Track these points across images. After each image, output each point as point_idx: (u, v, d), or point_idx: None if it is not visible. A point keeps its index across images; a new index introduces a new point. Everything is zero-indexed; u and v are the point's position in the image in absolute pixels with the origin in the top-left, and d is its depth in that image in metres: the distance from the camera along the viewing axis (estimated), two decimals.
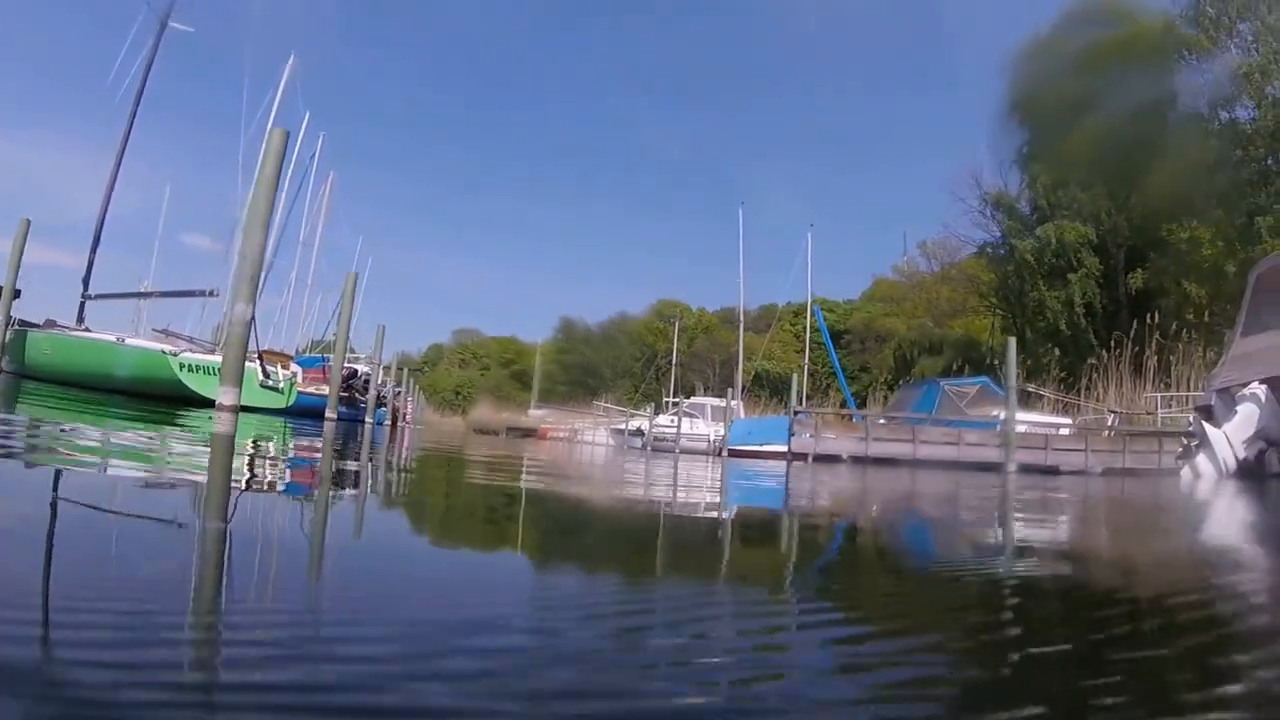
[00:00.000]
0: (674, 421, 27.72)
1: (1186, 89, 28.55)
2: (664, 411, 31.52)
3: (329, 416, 20.17)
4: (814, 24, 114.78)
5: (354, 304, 22.76)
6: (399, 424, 29.58)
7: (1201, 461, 10.05)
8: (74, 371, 17.24)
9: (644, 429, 29.15)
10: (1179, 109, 28.75)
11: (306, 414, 20.00)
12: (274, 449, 5.71)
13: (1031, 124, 32.69)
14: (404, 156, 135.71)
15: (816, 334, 35.70)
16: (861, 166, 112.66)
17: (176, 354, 17.77)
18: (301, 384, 22.18)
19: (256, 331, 12.89)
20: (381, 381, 28.37)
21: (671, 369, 48.78)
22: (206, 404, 15.11)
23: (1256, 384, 9.99)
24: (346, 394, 24.28)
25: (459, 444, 13.12)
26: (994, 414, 20.43)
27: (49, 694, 0.75)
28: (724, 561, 2.30)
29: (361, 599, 1.29)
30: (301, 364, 24.70)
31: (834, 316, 49.61)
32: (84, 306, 20.33)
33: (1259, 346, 10.58)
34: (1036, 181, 31.48)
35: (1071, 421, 20.96)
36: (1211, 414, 10.78)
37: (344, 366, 23.88)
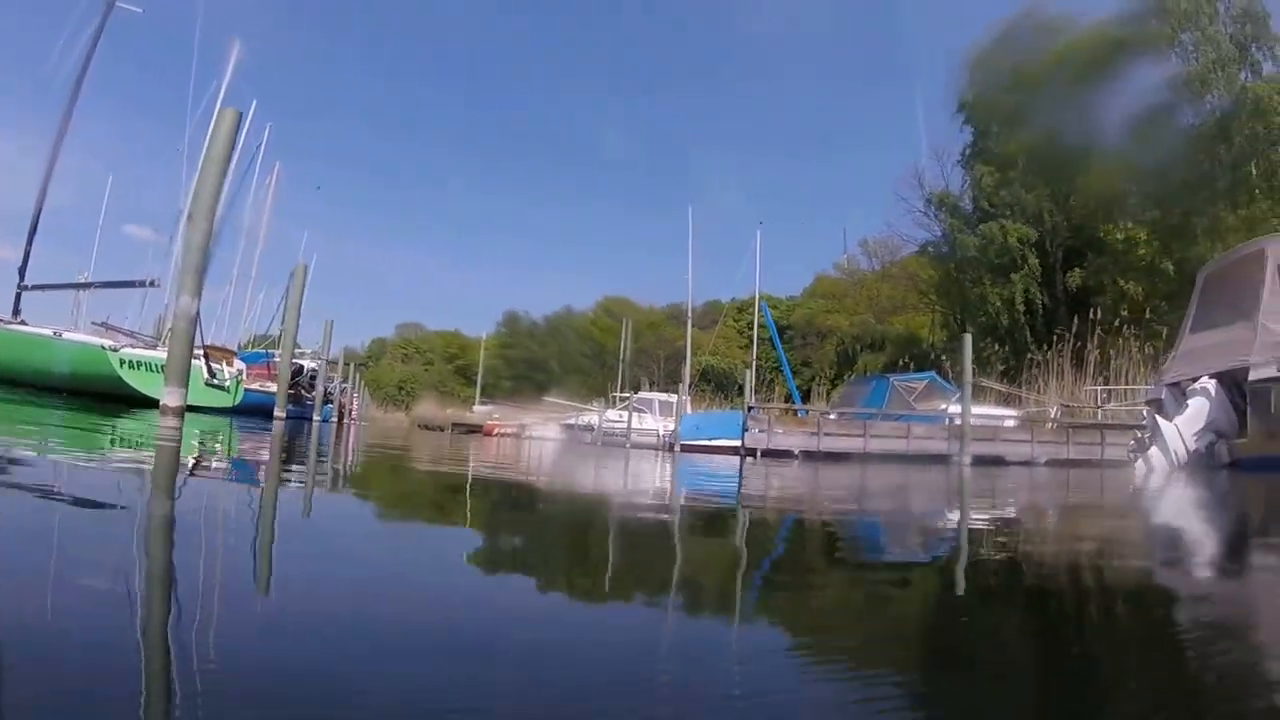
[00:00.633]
0: (623, 416, 27.63)
1: (1127, 95, 29.62)
2: (613, 407, 31.36)
3: (278, 415, 19.70)
4: (762, 20, 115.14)
5: (302, 297, 22.13)
6: (345, 421, 29.07)
7: (1154, 453, 10.32)
8: (7, 368, 16.38)
9: (594, 424, 28.80)
10: (1114, 115, 29.89)
11: (253, 412, 19.51)
12: (222, 464, 4.94)
13: (977, 125, 33.58)
14: (346, 149, 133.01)
15: (763, 330, 35.92)
16: (804, 164, 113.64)
17: (117, 349, 17.09)
18: (246, 381, 21.60)
19: (201, 326, 12.38)
20: (328, 378, 27.82)
21: (619, 365, 48.65)
22: (149, 403, 14.60)
23: (1206, 379, 10.30)
24: (293, 391, 23.76)
25: (408, 443, 12.88)
26: (941, 408, 20.85)
27: None
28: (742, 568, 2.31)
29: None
30: (245, 360, 24.03)
31: (777, 313, 49.99)
32: (19, 298, 19.30)
33: (1208, 343, 10.91)
34: (981, 181, 32.11)
35: (1016, 414, 21.48)
36: (1162, 407, 11.08)
37: (291, 362, 23.40)
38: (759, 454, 19.03)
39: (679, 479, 7.14)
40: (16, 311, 18.96)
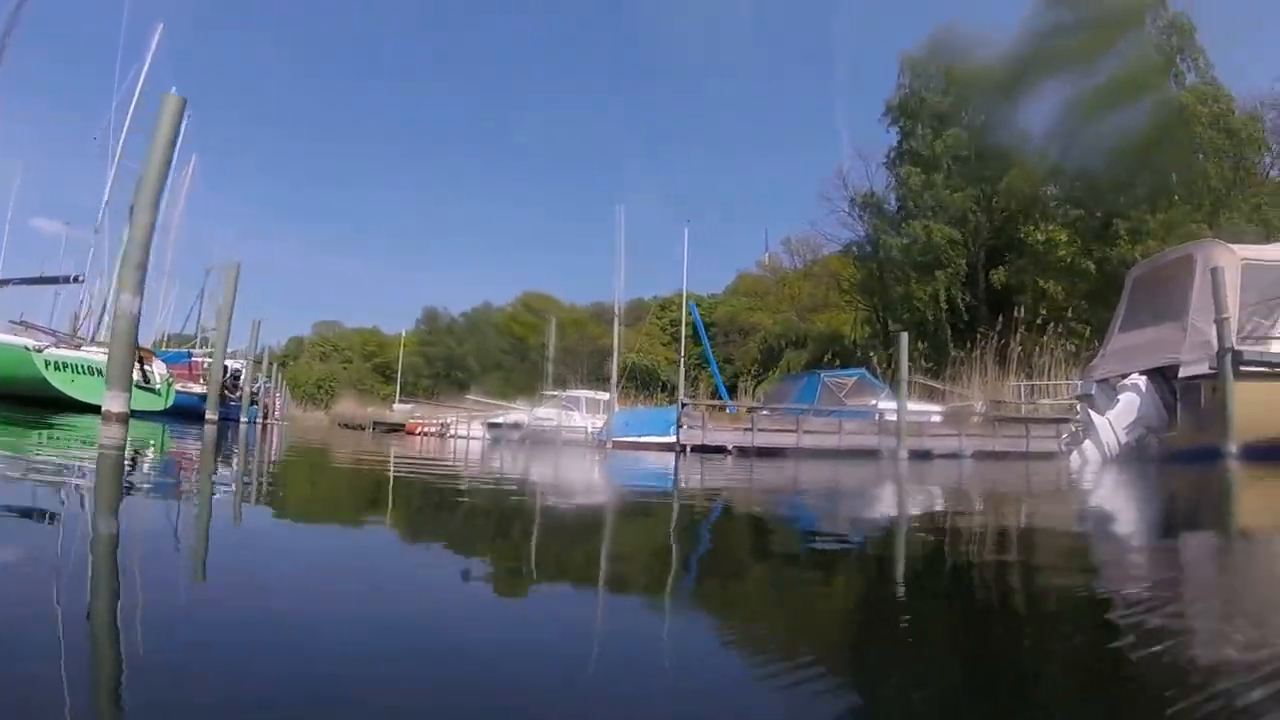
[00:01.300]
0: (551, 414, 27.45)
1: (1051, 102, 31.02)
2: (537, 404, 30.99)
3: (210, 418, 19.03)
4: (685, 20, 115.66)
5: (235, 295, 21.45)
6: (268, 421, 28.32)
7: (1088, 446, 10.73)
8: None
9: (521, 422, 28.44)
10: (1037, 121, 31.28)
11: (183, 415, 18.89)
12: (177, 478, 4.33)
13: (904, 127, 34.54)
14: (263, 144, 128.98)
15: (688, 327, 36.07)
16: (725, 163, 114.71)
17: (40, 349, 16.04)
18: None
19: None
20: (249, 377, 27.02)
21: (542, 362, 48.36)
22: (77, 408, 13.98)
23: (1136, 375, 10.80)
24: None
25: (338, 443, 12.55)
26: (871, 404, 21.29)
27: None
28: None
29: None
30: (164, 360, 23.19)
31: (701, 310, 50.41)
32: None
33: (1138, 341, 11.43)
34: (907, 182, 32.98)
35: (942, 409, 22.07)
36: (1093, 402, 11.57)
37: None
38: (688, 450, 19.01)
39: (630, 476, 7.16)
40: None
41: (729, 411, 27.12)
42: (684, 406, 21.73)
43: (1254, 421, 9.00)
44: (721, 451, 19.07)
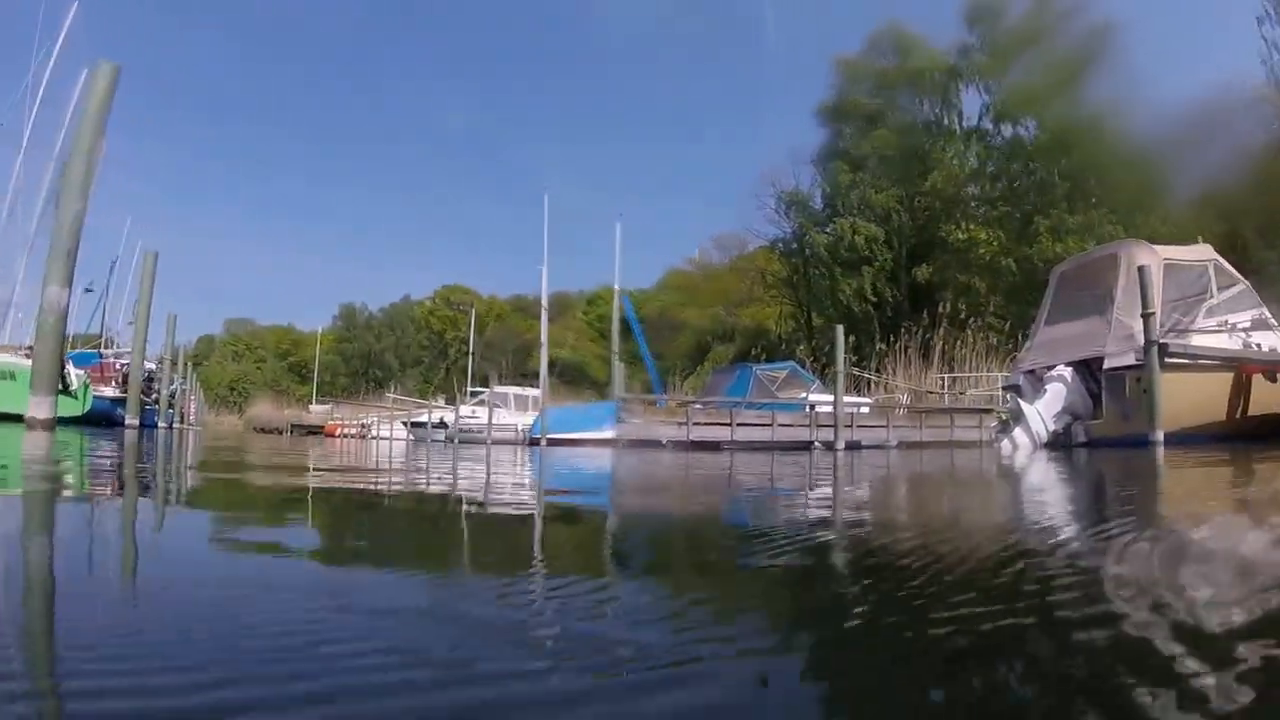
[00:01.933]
0: (477, 412, 27.12)
1: (975, 107, 32.56)
2: (462, 402, 30.40)
3: (130, 423, 18.24)
4: (614, 10, 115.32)
5: (153, 287, 20.61)
6: (184, 427, 27.39)
7: (1018, 434, 11.30)
8: None
9: (447, 421, 27.99)
10: (961, 125, 32.71)
11: (99, 421, 18.15)
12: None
13: (833, 128, 35.59)
14: (171, 131, 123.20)
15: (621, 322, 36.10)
16: (653, 158, 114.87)
17: None
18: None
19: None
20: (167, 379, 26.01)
21: (464, 358, 47.79)
22: None
23: (1063, 366, 11.45)
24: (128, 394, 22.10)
25: (264, 448, 11.93)
26: (801, 396, 21.77)
27: None
28: None
29: None
30: (74, 361, 22.26)
31: (632, 304, 50.54)
32: None
33: (1063, 334, 12.11)
34: (835, 180, 33.93)
35: (870, 401, 22.70)
36: (1020, 392, 12.22)
37: (125, 363, 21.91)
38: (621, 444, 18.93)
39: (589, 477, 6.92)
40: None
41: (659, 405, 27.29)
42: (621, 401, 21.80)
43: (1176, 411, 9.67)
44: (656, 445, 19.06)
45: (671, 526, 3.24)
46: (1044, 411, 11.28)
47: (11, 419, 10.25)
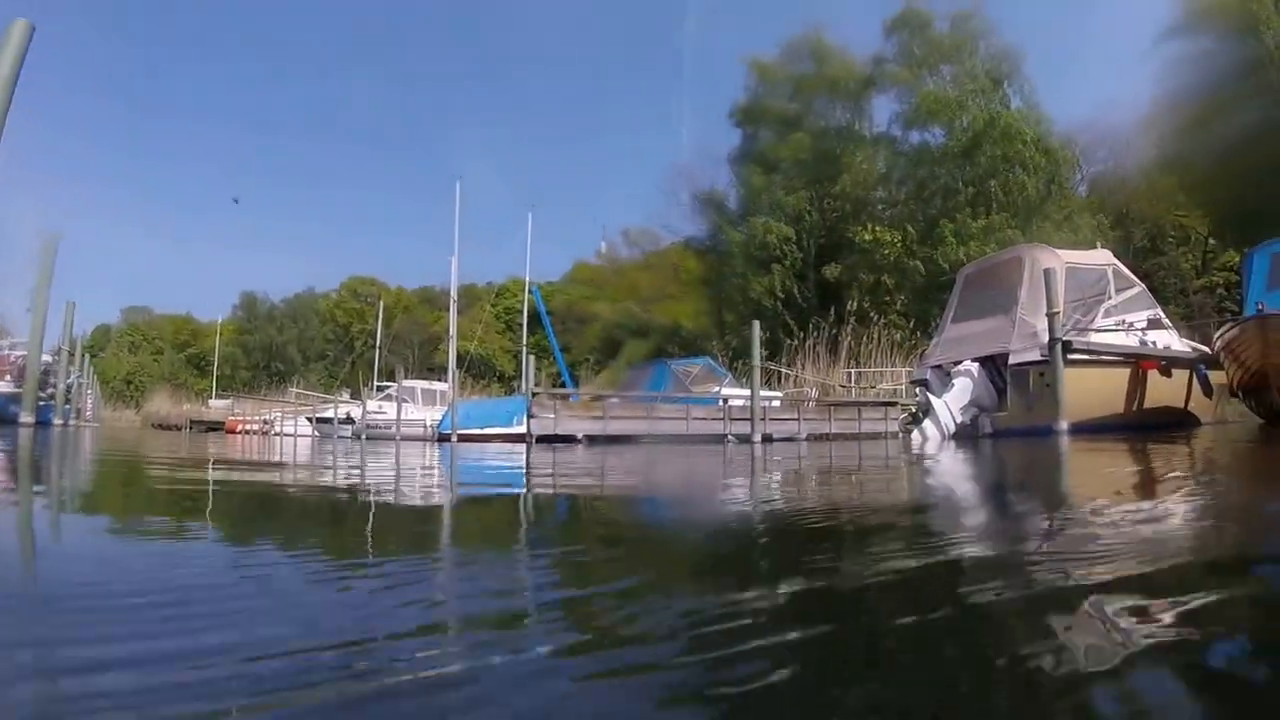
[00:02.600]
0: (384, 407, 26.74)
1: (885, 114, 33.88)
2: (369, 397, 29.74)
3: (25, 421, 17.38)
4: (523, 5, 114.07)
5: (52, 273, 19.59)
6: (82, 424, 26.22)
7: (928, 426, 11.93)
8: None
9: (354, 416, 27.42)
10: (871, 131, 33.98)
11: None
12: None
13: (748, 129, 36.41)
14: (66, 111, 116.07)
15: (521, 315, 36.00)
16: (560, 151, 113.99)
17: None
18: None
19: None
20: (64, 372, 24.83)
21: (370, 351, 46.83)
22: None
23: (969, 362, 12.12)
24: (21, 389, 20.99)
25: (165, 447, 11.34)
26: (714, 390, 22.18)
27: None
28: None
29: None
30: None
31: (542, 297, 50.42)
32: None
33: (970, 332, 12.82)
34: (750, 181, 34.70)
35: (780, 395, 23.27)
36: (928, 386, 12.88)
37: (21, 355, 20.87)
38: (534, 440, 18.82)
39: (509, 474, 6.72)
40: None
41: (572, 400, 27.33)
42: (534, 396, 21.74)
43: (1078, 403, 10.35)
44: (572, 440, 19.08)
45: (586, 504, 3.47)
46: (952, 404, 11.92)
47: None
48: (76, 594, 1.39)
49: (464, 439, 20.43)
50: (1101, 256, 12.66)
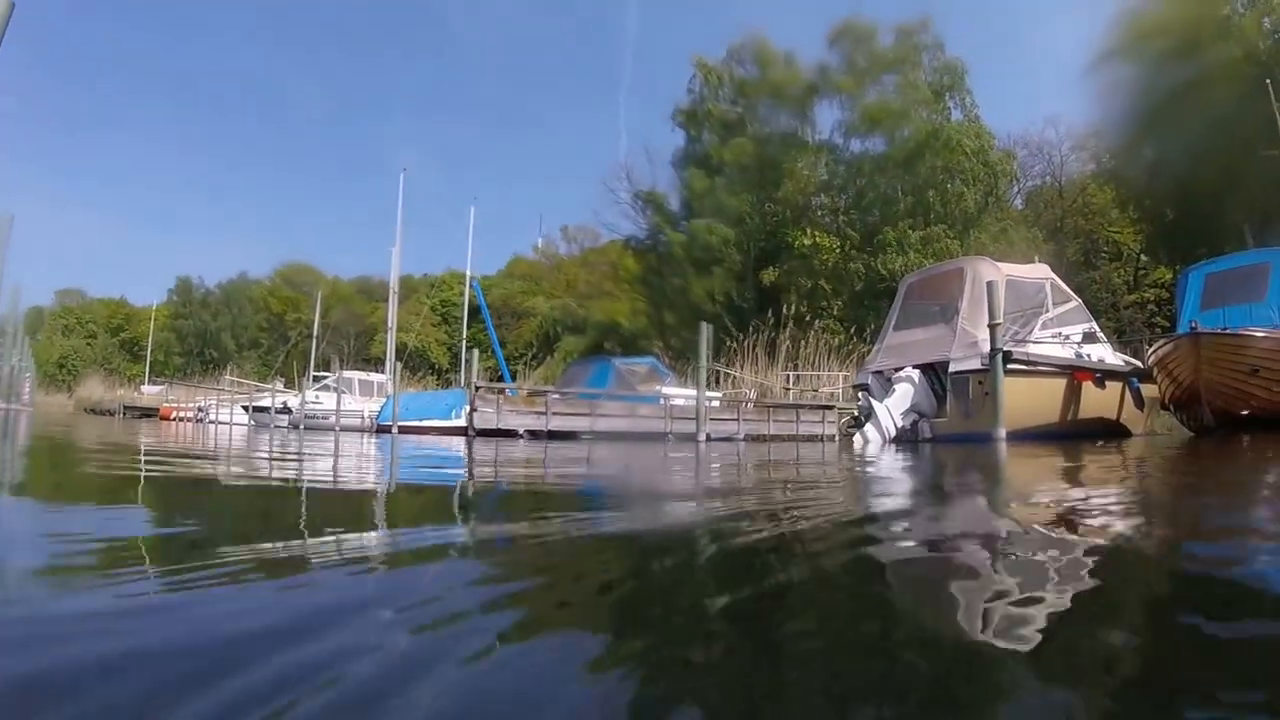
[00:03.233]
0: (321, 397, 26.33)
1: (826, 121, 34.42)
2: (304, 387, 29.17)
3: None
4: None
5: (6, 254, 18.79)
6: (19, 408, 25.33)
7: (869, 429, 12.26)
8: None
9: (291, 406, 26.94)
10: (814, 138, 34.51)
11: None
12: None
13: (690, 131, 36.65)
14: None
15: (458, 308, 35.75)
16: (499, 143, 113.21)
17: None
18: None
19: None
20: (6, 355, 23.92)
21: (305, 341, 45.99)
22: None
23: (910, 369, 12.50)
24: None
25: (104, 434, 11.15)
26: (658, 389, 22.31)
27: None
28: None
29: None
30: None
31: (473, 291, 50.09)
32: None
33: (911, 340, 13.26)
34: (691, 184, 34.94)
35: (720, 395, 23.49)
36: (869, 391, 13.24)
37: None
38: (472, 433, 18.37)
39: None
40: None
41: (510, 394, 27.20)
42: (478, 389, 21.61)
43: (1016, 411, 10.69)
44: (513, 435, 18.98)
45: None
46: (893, 409, 12.27)
47: None
48: None
49: (403, 430, 20.23)
50: (1040, 270, 13.17)
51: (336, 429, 21.55)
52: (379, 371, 32.07)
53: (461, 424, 20.47)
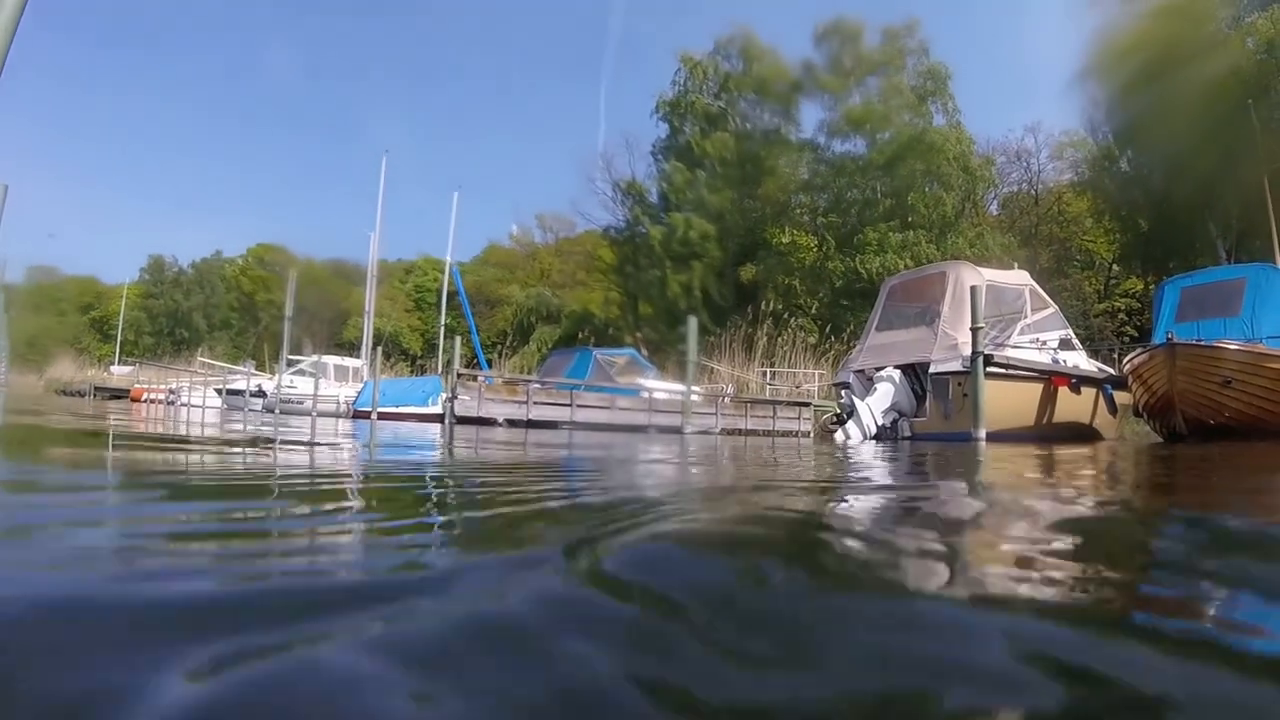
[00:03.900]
0: (295, 382, 26.11)
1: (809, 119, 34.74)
2: (280, 370, 28.77)
3: None
4: None
5: None
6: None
7: (851, 426, 12.64)
8: None
9: (265, 389, 26.54)
10: (796, 136, 34.89)
11: None
12: None
13: (673, 124, 36.74)
14: None
15: (432, 295, 35.55)
16: (478, 129, 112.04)
17: None
18: None
19: None
20: None
21: (277, 324, 45.36)
22: None
23: (891, 369, 12.89)
24: None
25: (93, 413, 10.92)
26: (638, 382, 22.50)
27: None
28: None
29: None
30: None
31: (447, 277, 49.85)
32: None
33: (892, 340, 13.68)
34: (671, 177, 35.11)
35: (700, 390, 23.67)
36: (851, 389, 13.62)
37: None
38: (449, 420, 18.33)
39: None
40: None
41: (487, 383, 27.17)
42: (459, 376, 21.60)
43: (994, 413, 11.04)
44: (492, 423, 19.02)
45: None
46: (874, 407, 12.67)
47: None
48: None
49: (384, 416, 20.19)
50: (1020, 277, 13.62)
51: (314, 414, 21.35)
52: (352, 356, 31.85)
53: (438, 411, 20.50)
